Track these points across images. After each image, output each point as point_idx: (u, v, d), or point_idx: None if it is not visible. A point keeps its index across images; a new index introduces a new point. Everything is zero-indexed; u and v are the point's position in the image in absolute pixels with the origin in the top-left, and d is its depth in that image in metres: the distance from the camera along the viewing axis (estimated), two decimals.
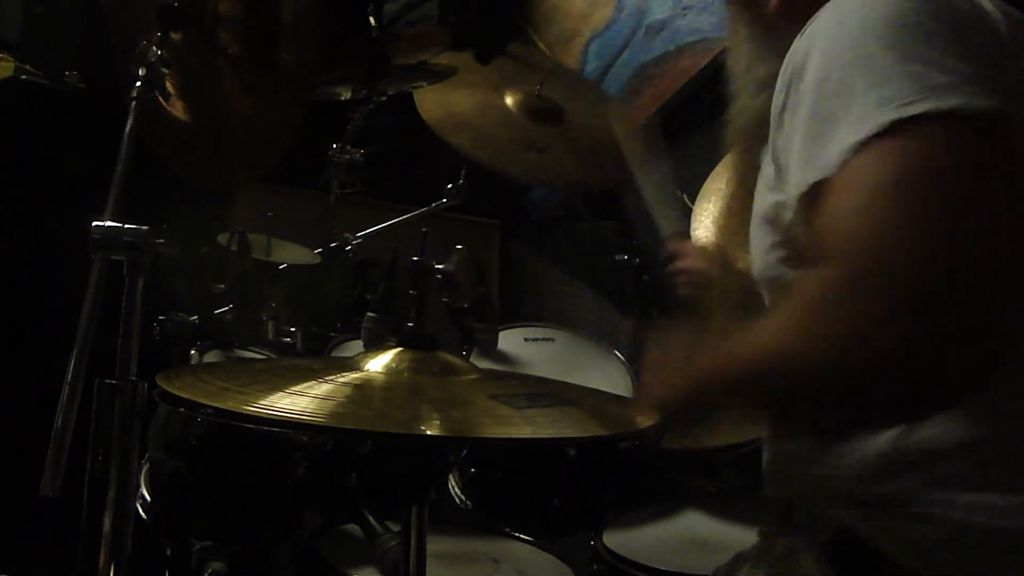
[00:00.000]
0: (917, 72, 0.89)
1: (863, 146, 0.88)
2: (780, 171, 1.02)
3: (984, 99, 0.88)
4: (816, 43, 0.97)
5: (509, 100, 2.50)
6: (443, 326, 2.07)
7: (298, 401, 0.98)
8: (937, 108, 0.87)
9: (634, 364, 2.08)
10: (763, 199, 1.14)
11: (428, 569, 1.11)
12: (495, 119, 2.43)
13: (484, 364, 2.03)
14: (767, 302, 1.21)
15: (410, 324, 1.23)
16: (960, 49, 0.91)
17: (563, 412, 1.14)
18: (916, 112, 0.87)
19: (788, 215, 1.01)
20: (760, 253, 1.16)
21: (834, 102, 0.92)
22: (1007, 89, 0.91)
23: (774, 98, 1.03)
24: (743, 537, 1.37)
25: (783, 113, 1.00)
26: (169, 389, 1.01)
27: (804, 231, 0.98)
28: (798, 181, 0.95)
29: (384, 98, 2.50)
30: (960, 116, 0.87)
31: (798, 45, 1.00)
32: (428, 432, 0.99)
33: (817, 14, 1.00)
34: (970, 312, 0.84)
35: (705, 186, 2.07)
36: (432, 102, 2.41)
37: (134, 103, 1.37)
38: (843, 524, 1.05)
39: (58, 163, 2.57)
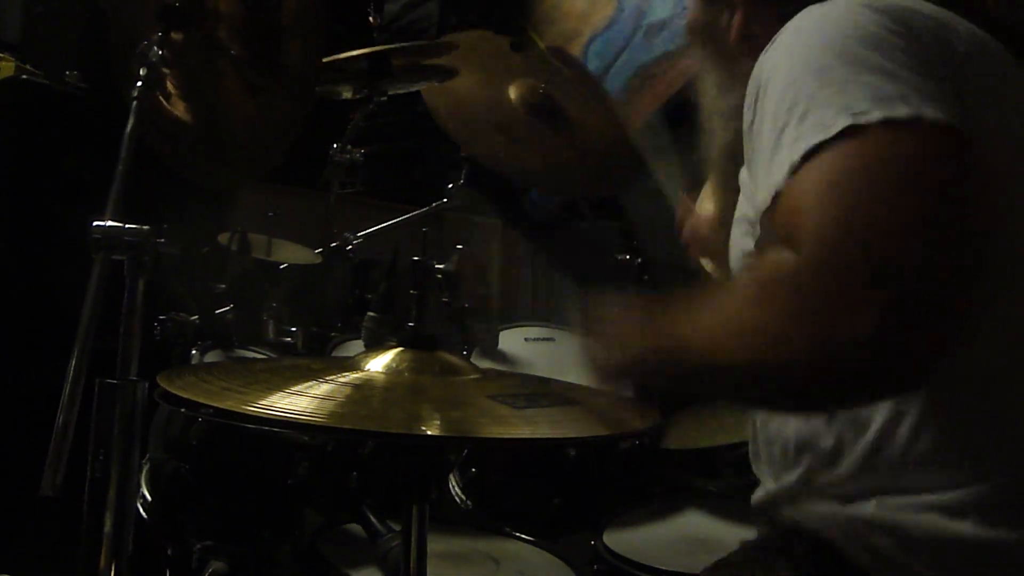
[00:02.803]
0: (872, 83, 0.90)
1: (819, 148, 0.88)
2: (753, 184, 1.02)
3: (933, 111, 0.88)
4: (779, 59, 0.98)
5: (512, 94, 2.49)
6: (443, 326, 2.06)
7: (298, 401, 0.98)
8: (888, 116, 0.87)
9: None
10: (742, 209, 1.15)
11: (428, 569, 1.11)
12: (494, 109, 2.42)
13: (484, 364, 2.03)
14: None
15: (410, 324, 1.23)
16: (915, 63, 0.92)
17: (563, 412, 1.14)
18: (870, 120, 0.87)
19: (758, 232, 1.01)
20: (736, 260, 1.17)
21: (793, 113, 0.92)
22: (959, 104, 0.92)
23: (744, 115, 1.03)
24: (743, 537, 1.37)
25: (751, 129, 1.01)
26: (170, 389, 1.00)
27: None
28: (763, 197, 0.94)
29: (384, 98, 2.50)
30: (911, 125, 0.87)
31: (762, 60, 1.01)
32: (428, 432, 0.99)
33: (778, 33, 1.01)
34: (923, 304, 0.82)
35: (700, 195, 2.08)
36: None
37: (134, 103, 1.37)
38: (822, 536, 1.05)
39: (58, 163, 2.57)
